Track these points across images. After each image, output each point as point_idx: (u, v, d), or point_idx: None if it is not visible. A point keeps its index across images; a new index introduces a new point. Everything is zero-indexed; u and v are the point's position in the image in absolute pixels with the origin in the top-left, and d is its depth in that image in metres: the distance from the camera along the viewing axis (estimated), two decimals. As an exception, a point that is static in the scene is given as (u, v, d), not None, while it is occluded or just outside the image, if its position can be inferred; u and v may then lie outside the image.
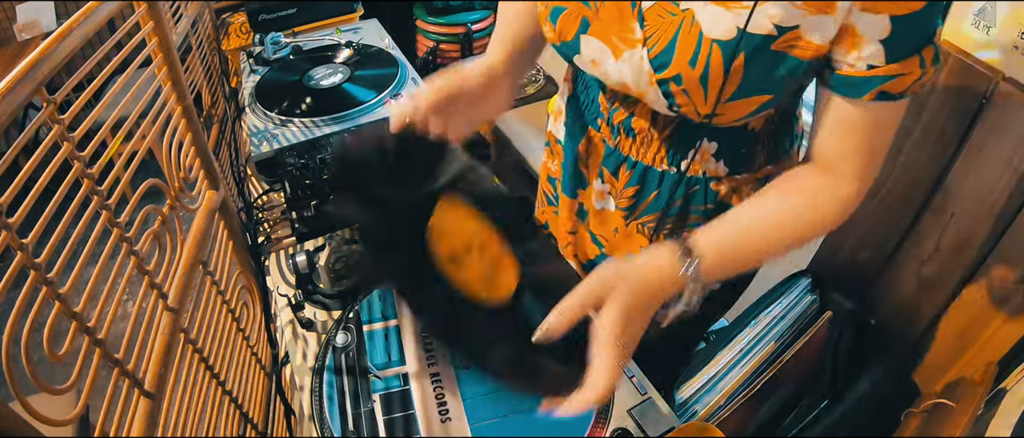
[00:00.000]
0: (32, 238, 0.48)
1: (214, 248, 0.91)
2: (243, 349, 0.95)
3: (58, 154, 0.55)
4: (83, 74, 0.59)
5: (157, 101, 0.78)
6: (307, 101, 1.56)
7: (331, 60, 1.73)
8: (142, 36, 0.73)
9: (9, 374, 0.44)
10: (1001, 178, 0.91)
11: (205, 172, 0.91)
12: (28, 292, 0.47)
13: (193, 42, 1.44)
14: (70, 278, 0.53)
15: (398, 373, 0.88)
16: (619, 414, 0.82)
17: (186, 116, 0.83)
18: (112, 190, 0.63)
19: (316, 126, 1.47)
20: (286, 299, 0.97)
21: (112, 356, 0.58)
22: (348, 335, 0.93)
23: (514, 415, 0.82)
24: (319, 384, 0.87)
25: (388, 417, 0.82)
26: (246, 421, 0.90)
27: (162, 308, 0.70)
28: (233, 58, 1.98)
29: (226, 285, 0.89)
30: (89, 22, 0.59)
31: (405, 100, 0.75)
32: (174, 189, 0.78)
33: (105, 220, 0.61)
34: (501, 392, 0.85)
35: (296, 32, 1.97)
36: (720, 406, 1.05)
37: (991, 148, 0.92)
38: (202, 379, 0.77)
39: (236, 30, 2.05)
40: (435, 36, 2.59)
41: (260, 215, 1.28)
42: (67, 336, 0.52)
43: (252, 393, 0.94)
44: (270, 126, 1.49)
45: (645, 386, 0.86)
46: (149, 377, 0.64)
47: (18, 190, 0.48)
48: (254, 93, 1.59)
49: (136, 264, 0.66)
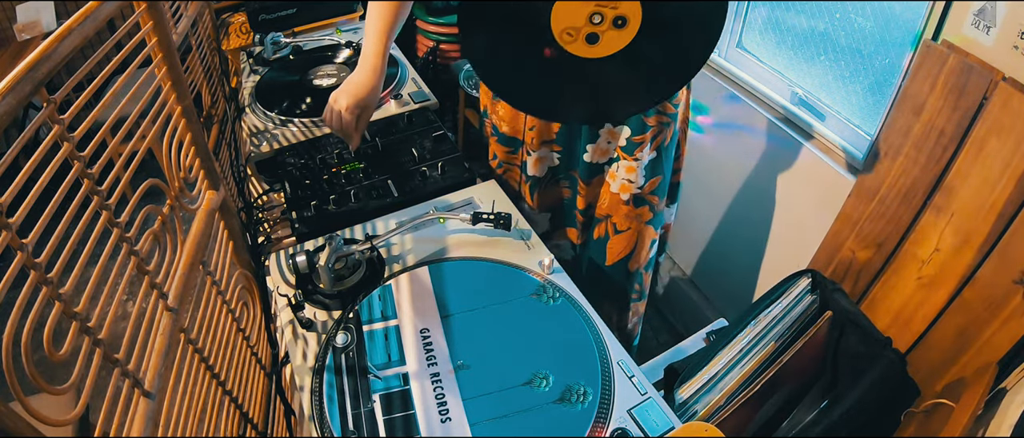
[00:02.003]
0: (32, 238, 0.48)
1: (214, 248, 0.91)
2: (243, 349, 0.95)
3: (58, 154, 0.55)
4: (83, 74, 0.59)
5: (157, 101, 0.78)
6: (307, 101, 1.56)
7: (331, 60, 1.73)
8: (142, 36, 0.73)
9: (9, 374, 0.44)
10: (1001, 178, 0.91)
11: (205, 172, 0.91)
12: (28, 292, 0.47)
13: (193, 42, 1.44)
14: (70, 278, 0.53)
15: (398, 373, 0.88)
16: (619, 414, 0.82)
17: (186, 116, 0.83)
18: (112, 190, 0.63)
19: (316, 126, 1.47)
20: (286, 299, 0.97)
21: (112, 356, 0.58)
22: (348, 335, 0.93)
23: (514, 415, 0.82)
24: (319, 384, 0.87)
25: (388, 417, 0.82)
26: (246, 421, 0.90)
27: (162, 308, 0.70)
28: (233, 58, 1.98)
29: (226, 285, 0.89)
30: (89, 22, 0.59)
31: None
32: (174, 189, 0.78)
33: (105, 220, 0.61)
34: (501, 392, 0.85)
35: (296, 32, 1.97)
36: (720, 406, 1.05)
37: (991, 148, 0.92)
38: (202, 379, 0.76)
39: (236, 30, 2.05)
40: (435, 36, 2.59)
41: (260, 215, 1.28)
42: (67, 336, 0.52)
43: (252, 393, 0.94)
44: (270, 126, 1.49)
45: (645, 386, 0.86)
46: (149, 377, 0.64)
47: (18, 190, 0.48)
48: (254, 93, 1.59)
49: (136, 264, 0.66)
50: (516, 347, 0.90)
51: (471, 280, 1.02)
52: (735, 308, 1.83)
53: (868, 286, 1.19)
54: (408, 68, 1.70)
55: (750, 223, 1.70)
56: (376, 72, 1.14)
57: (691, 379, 1.12)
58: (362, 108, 1.14)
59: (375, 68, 1.14)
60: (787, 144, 1.50)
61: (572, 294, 0.98)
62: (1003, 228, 0.92)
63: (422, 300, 0.98)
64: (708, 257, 1.96)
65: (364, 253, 1.05)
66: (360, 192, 1.24)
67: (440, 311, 0.96)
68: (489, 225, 1.10)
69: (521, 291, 0.99)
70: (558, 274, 1.02)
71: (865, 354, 1.05)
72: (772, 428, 1.11)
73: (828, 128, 1.42)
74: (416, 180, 1.27)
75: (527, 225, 1.13)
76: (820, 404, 1.10)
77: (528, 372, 0.87)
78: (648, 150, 1.15)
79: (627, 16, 0.88)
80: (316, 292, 1.02)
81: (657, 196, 1.23)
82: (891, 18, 1.25)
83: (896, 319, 1.11)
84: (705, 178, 1.82)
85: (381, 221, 1.18)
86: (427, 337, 0.92)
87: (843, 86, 1.42)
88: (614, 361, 0.89)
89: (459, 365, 0.88)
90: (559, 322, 0.94)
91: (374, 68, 1.14)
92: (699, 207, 1.88)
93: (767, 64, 1.59)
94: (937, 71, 1.01)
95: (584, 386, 0.85)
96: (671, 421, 0.82)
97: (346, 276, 1.03)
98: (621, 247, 1.28)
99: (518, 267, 1.04)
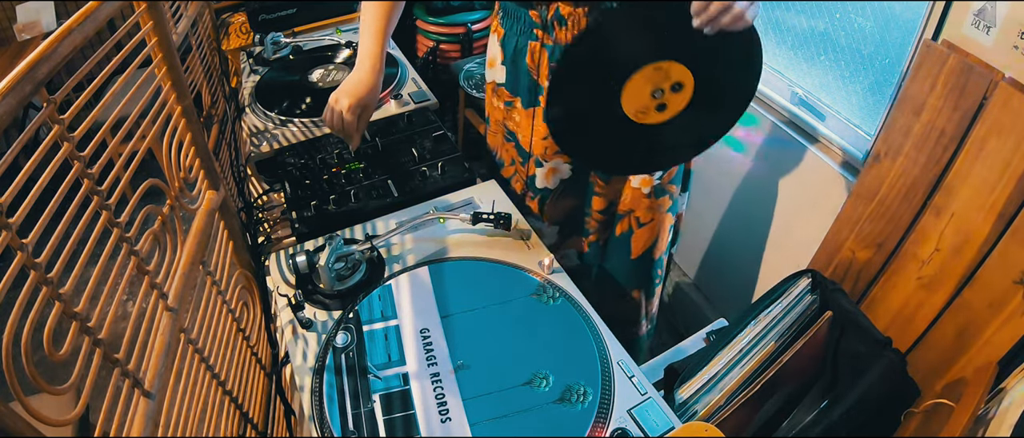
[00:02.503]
0: (32, 238, 0.48)
1: (214, 248, 0.91)
2: (243, 349, 0.95)
3: (58, 154, 0.55)
4: (83, 74, 0.59)
5: (157, 101, 0.78)
6: (307, 101, 1.56)
7: (331, 60, 1.73)
8: (142, 36, 0.73)
9: (9, 374, 0.44)
10: (1001, 178, 0.91)
11: (205, 172, 0.91)
12: (28, 292, 0.47)
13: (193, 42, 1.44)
14: (70, 278, 0.53)
15: (398, 373, 0.88)
16: (619, 414, 0.82)
17: (186, 116, 0.83)
18: (112, 190, 0.63)
19: (316, 126, 1.47)
20: (286, 299, 0.97)
21: (112, 356, 0.58)
22: (348, 335, 0.93)
23: (514, 415, 0.82)
24: (319, 384, 0.87)
25: (388, 417, 0.82)
26: (246, 421, 0.90)
27: (162, 308, 0.70)
28: (233, 58, 1.98)
29: (226, 285, 0.89)
30: (89, 22, 0.59)
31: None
32: (174, 189, 0.78)
33: (105, 220, 0.61)
34: (501, 392, 0.85)
35: (296, 32, 1.97)
36: (720, 406, 1.05)
37: (991, 148, 0.92)
38: (202, 379, 0.76)
39: (236, 30, 2.05)
40: (435, 36, 2.59)
41: (260, 215, 1.28)
42: (67, 336, 0.52)
43: (252, 393, 0.94)
44: (270, 126, 1.49)
45: (645, 386, 0.86)
46: (149, 377, 0.64)
47: (18, 190, 0.48)
48: (254, 93, 1.59)
49: (136, 264, 0.66)
50: (516, 347, 0.90)
51: (471, 280, 1.02)
52: (735, 308, 1.83)
53: (868, 286, 1.19)
54: (408, 68, 1.70)
55: (750, 223, 1.70)
56: (375, 71, 1.16)
57: (691, 379, 1.12)
58: (362, 107, 1.15)
59: (374, 67, 1.16)
60: (787, 144, 1.50)
61: (572, 294, 0.99)
62: (1003, 228, 0.92)
63: (422, 300, 0.98)
64: (708, 257, 1.96)
65: (364, 253, 1.05)
66: (360, 192, 1.24)
67: (440, 311, 0.96)
68: (489, 225, 1.10)
69: (521, 291, 0.99)
70: (558, 274, 1.02)
71: (865, 354, 1.05)
72: (772, 428, 1.11)
73: (828, 128, 1.42)
74: (416, 180, 1.27)
75: (527, 225, 1.13)
76: (820, 404, 1.10)
77: (528, 372, 0.87)
78: None
79: (681, 80, 0.96)
80: (316, 292, 1.02)
81: (674, 185, 1.28)
82: (891, 18, 1.25)
83: (896, 319, 1.11)
84: (705, 178, 1.82)
85: (381, 221, 1.18)
86: (427, 337, 0.92)
87: (843, 86, 1.42)
88: (614, 361, 0.89)
89: (459, 365, 0.88)
90: (559, 322, 0.94)
91: (373, 67, 1.16)
92: (699, 207, 1.88)
93: (767, 64, 1.59)
94: (937, 71, 1.01)
95: (584, 386, 0.85)
96: (671, 421, 0.82)
97: (346, 276, 1.03)
98: (645, 238, 1.32)
99: (518, 267, 1.04)
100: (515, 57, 1.19)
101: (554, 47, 1.12)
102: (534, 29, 1.12)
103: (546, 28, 1.11)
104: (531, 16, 1.12)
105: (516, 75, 1.21)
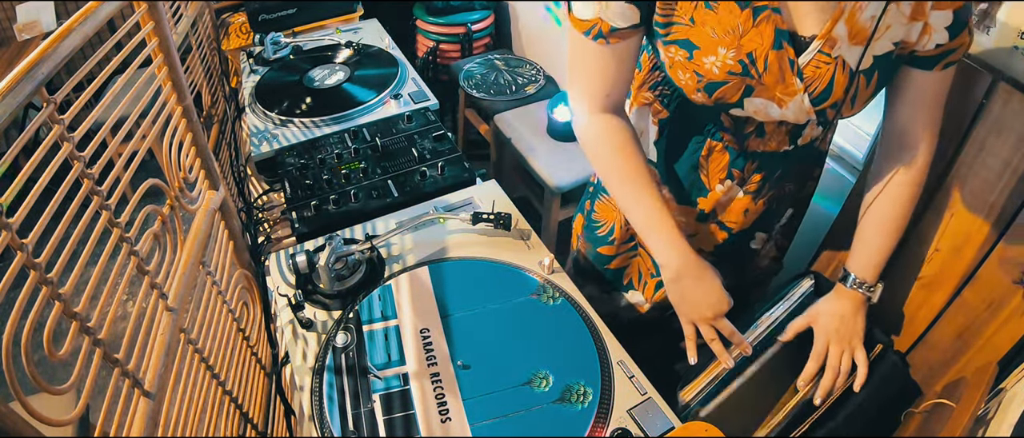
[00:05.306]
0: (32, 238, 0.48)
1: (214, 248, 0.91)
2: (243, 349, 0.95)
3: (58, 154, 0.55)
4: (83, 74, 0.59)
5: (157, 101, 0.78)
6: (307, 101, 1.56)
7: (331, 60, 1.73)
8: (142, 36, 0.73)
9: (9, 374, 0.44)
10: (1001, 178, 0.91)
11: (205, 172, 0.91)
12: (28, 292, 0.47)
13: (193, 42, 1.44)
14: (70, 278, 0.53)
15: (398, 373, 0.88)
16: (619, 414, 0.82)
17: (186, 116, 0.83)
18: (112, 190, 0.63)
19: (316, 126, 1.47)
20: (286, 299, 0.97)
21: (112, 356, 0.58)
22: (348, 335, 0.93)
23: (514, 415, 0.82)
24: (319, 384, 0.87)
25: (388, 417, 0.82)
26: (246, 421, 0.90)
27: (162, 308, 0.70)
28: (233, 58, 1.98)
29: (226, 285, 0.89)
30: (89, 22, 0.59)
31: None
32: (174, 189, 0.78)
33: (105, 220, 0.61)
34: (501, 392, 0.85)
35: (296, 32, 1.98)
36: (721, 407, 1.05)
37: (991, 148, 0.92)
38: (202, 379, 0.77)
39: (236, 30, 2.06)
40: (435, 36, 2.59)
41: (260, 215, 1.29)
42: (67, 336, 0.52)
43: (252, 393, 0.94)
44: (270, 126, 1.49)
45: (645, 386, 0.86)
46: (149, 377, 0.64)
47: (18, 190, 0.48)
48: (254, 93, 1.59)
49: (136, 264, 0.66)
50: (516, 347, 0.90)
51: (471, 280, 1.02)
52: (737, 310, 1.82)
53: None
54: (408, 68, 1.70)
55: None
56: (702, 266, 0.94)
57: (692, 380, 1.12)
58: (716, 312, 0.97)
59: (691, 260, 0.92)
60: (787, 144, 1.49)
61: (572, 294, 0.99)
62: (1003, 228, 0.92)
63: (422, 300, 0.98)
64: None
65: (364, 253, 1.05)
66: (360, 192, 1.24)
67: (440, 311, 0.96)
68: (489, 225, 1.10)
69: (521, 291, 0.99)
70: (558, 274, 1.02)
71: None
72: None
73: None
74: (416, 180, 1.27)
75: (527, 225, 1.13)
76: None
77: (528, 372, 0.87)
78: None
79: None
80: (316, 292, 1.02)
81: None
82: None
83: (896, 319, 1.11)
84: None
85: (381, 221, 1.18)
86: (427, 337, 0.92)
87: (843, 86, 1.42)
88: (614, 361, 0.89)
89: (459, 365, 0.88)
90: (559, 322, 0.94)
91: (691, 261, 0.92)
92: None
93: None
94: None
95: (584, 386, 0.85)
96: (671, 421, 0.82)
97: (346, 276, 1.03)
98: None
99: (518, 267, 1.04)
100: (679, 154, 1.00)
101: (742, 154, 0.95)
102: (719, 131, 0.95)
103: (737, 135, 0.95)
104: (722, 121, 0.92)
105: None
